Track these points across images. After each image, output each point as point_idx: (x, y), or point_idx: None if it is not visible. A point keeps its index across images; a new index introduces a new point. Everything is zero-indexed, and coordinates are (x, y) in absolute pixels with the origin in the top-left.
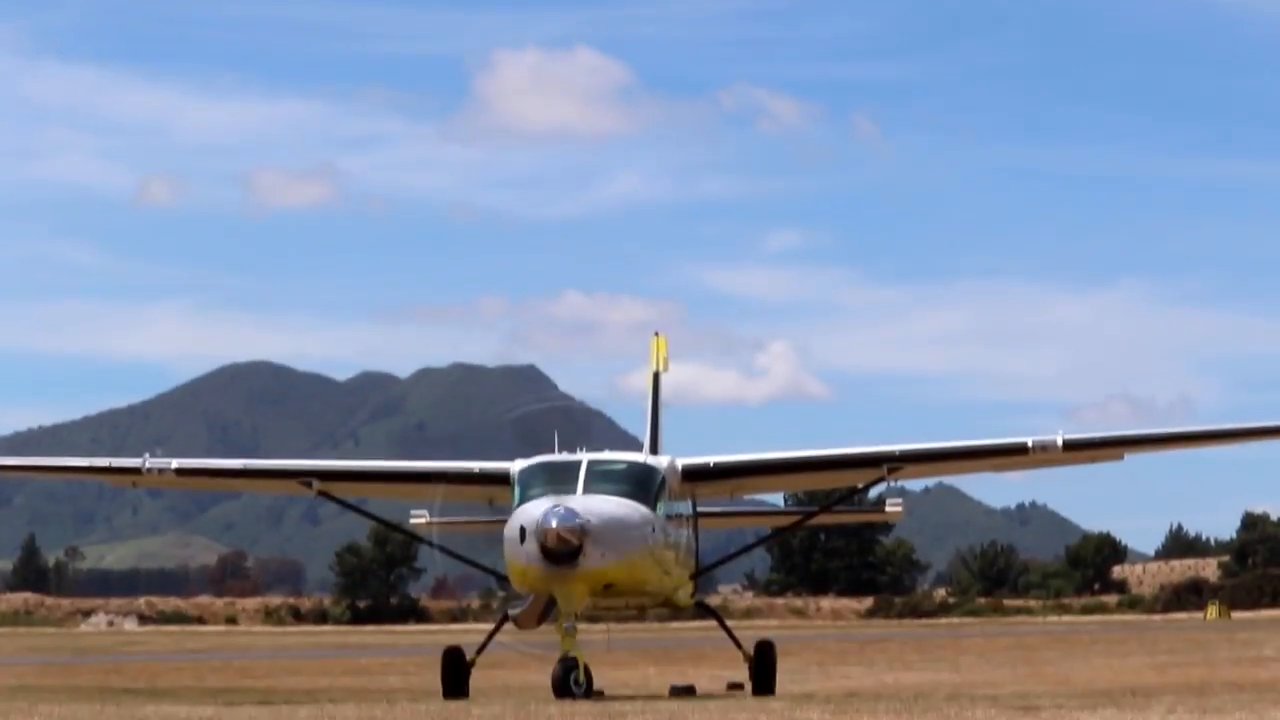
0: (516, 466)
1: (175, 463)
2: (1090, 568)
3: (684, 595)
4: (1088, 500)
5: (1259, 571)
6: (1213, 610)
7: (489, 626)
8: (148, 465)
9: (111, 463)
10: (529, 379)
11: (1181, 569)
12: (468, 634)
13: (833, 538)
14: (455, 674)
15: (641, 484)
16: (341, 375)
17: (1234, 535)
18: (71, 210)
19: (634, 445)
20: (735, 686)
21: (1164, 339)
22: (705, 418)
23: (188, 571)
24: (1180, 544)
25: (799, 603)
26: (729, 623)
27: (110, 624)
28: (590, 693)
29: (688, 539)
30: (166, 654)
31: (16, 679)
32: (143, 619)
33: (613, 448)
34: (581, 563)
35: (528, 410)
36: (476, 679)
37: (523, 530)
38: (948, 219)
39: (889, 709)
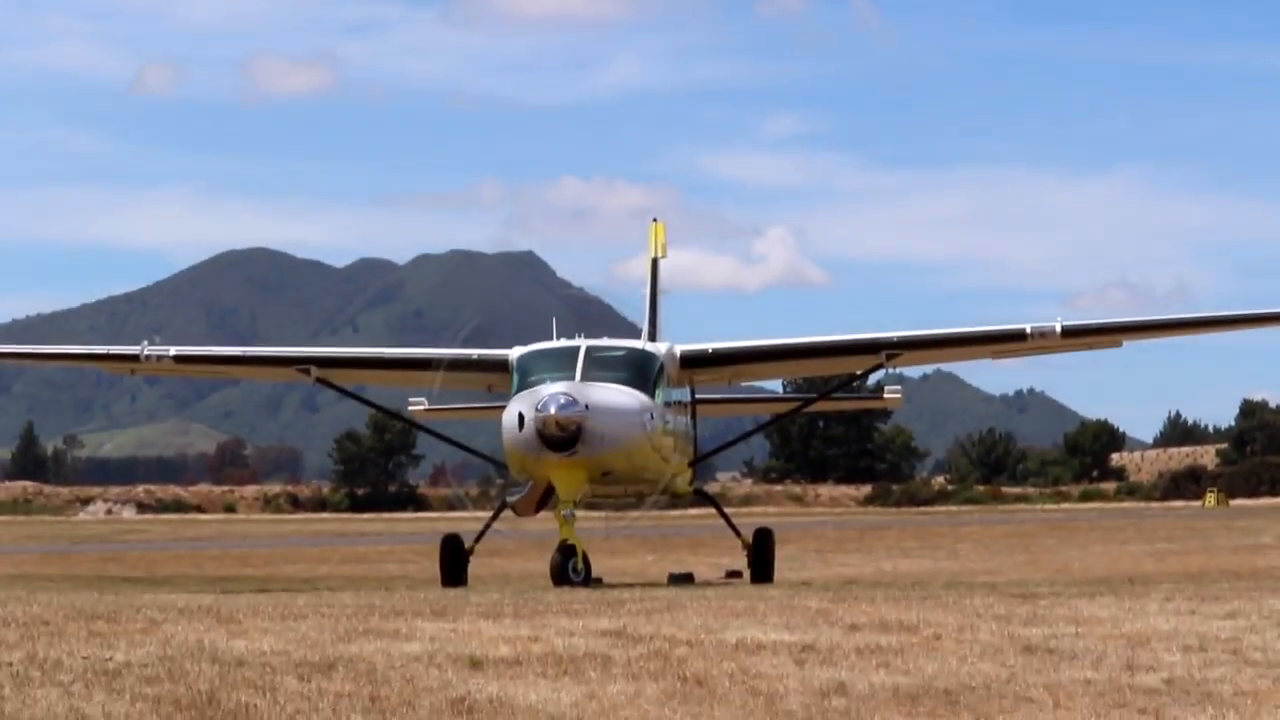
0: (515, 353)
1: (173, 350)
2: (1088, 455)
3: (682, 482)
4: (1086, 387)
5: (1257, 459)
6: (1211, 498)
7: (487, 514)
8: (146, 352)
9: (110, 350)
10: (527, 265)
11: (1180, 456)
12: (465, 522)
13: (831, 425)
14: (454, 562)
15: (640, 371)
16: (340, 262)
17: (1232, 423)
18: (70, 97)
19: (633, 332)
20: (734, 574)
21: (1162, 226)
22: (703, 304)
23: (186, 459)
24: (1178, 431)
25: (797, 490)
26: (727, 510)
27: (109, 512)
28: (589, 580)
29: (686, 426)
30: (165, 542)
31: (15, 567)
32: (141, 507)
33: (610, 335)
34: (580, 449)
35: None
36: (475, 567)
37: (521, 417)
38: (947, 105)
39: (887, 596)
